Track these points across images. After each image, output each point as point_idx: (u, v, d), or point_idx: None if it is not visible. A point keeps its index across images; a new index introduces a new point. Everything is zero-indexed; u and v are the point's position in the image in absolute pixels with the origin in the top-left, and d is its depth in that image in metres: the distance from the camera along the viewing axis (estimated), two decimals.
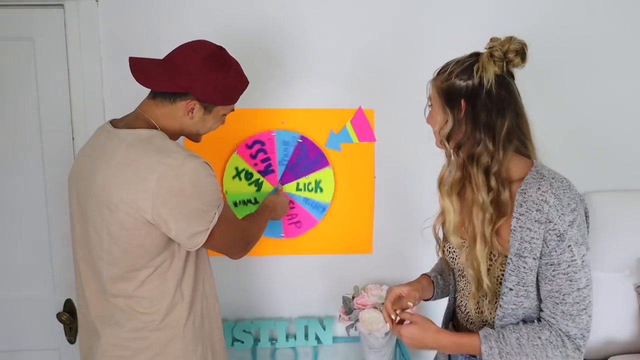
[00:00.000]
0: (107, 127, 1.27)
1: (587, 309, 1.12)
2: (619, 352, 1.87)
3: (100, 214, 1.19)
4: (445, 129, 1.16)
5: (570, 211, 1.09)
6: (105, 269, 1.23)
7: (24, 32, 1.71)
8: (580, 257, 1.10)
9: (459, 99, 1.14)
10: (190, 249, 1.23)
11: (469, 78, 1.13)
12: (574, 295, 1.10)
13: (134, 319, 1.24)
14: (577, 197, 1.12)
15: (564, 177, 1.14)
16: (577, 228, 1.10)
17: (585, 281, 1.11)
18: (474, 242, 1.16)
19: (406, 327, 1.20)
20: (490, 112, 1.12)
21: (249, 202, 1.82)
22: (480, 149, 1.12)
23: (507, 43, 1.12)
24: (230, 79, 1.28)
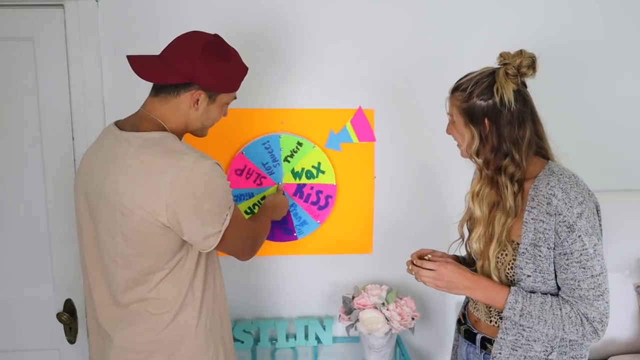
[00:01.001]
0: (113, 129, 1.26)
1: (604, 295, 1.17)
2: (619, 352, 1.87)
3: (113, 218, 1.18)
4: (473, 146, 1.25)
5: (577, 204, 1.17)
6: (120, 273, 1.22)
7: (24, 32, 1.71)
8: (592, 246, 1.16)
9: (482, 118, 1.23)
10: (204, 250, 1.23)
11: (489, 98, 1.22)
12: (588, 282, 1.16)
13: (147, 320, 1.23)
14: (585, 191, 1.20)
15: (573, 173, 1.23)
16: (585, 219, 1.17)
17: (599, 268, 1.17)
18: (489, 243, 1.26)
19: (444, 264, 1.28)
20: (512, 126, 1.22)
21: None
22: (507, 161, 1.23)
23: (519, 58, 1.21)
24: (231, 65, 1.28)
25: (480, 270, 1.30)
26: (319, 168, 1.83)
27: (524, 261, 1.22)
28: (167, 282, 1.22)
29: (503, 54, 1.23)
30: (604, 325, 1.18)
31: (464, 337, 1.41)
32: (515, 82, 1.21)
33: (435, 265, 1.28)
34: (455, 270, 1.27)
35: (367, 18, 1.79)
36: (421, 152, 1.88)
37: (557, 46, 1.83)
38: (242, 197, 1.82)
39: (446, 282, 1.27)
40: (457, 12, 1.80)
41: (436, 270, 1.28)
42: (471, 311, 1.41)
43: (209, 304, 1.30)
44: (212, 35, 1.26)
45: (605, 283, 1.17)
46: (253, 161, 1.81)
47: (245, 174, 1.82)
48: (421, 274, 1.29)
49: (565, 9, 1.84)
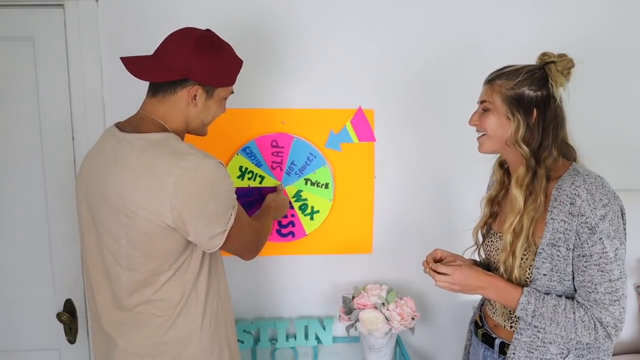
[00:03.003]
0: (114, 131, 1.25)
1: (620, 301, 1.16)
2: (619, 352, 1.87)
3: (118, 220, 1.17)
4: (520, 134, 1.24)
5: (602, 206, 1.16)
6: (125, 276, 1.21)
7: (24, 32, 1.71)
8: (613, 250, 1.15)
9: (531, 107, 1.23)
10: (209, 250, 1.23)
11: (539, 89, 1.22)
12: (605, 286, 1.15)
13: (151, 323, 1.23)
14: (610, 193, 1.19)
15: (598, 175, 1.22)
16: (608, 222, 1.15)
17: (618, 273, 1.15)
18: (517, 238, 1.24)
19: (458, 268, 1.27)
20: (556, 122, 1.23)
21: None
22: (546, 154, 1.23)
23: (565, 60, 1.22)
24: (225, 58, 1.27)
25: (503, 265, 1.27)
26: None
27: (540, 260, 1.21)
28: (172, 283, 1.22)
29: (548, 53, 1.24)
30: (618, 331, 1.16)
31: (482, 341, 1.39)
32: (564, 81, 1.22)
33: (450, 269, 1.28)
34: (470, 273, 1.27)
35: (368, 18, 1.79)
36: (421, 152, 1.88)
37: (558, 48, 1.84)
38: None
39: (461, 286, 1.27)
40: (457, 12, 1.80)
41: (451, 275, 1.27)
42: (489, 314, 1.39)
43: (213, 304, 1.29)
44: (204, 30, 1.26)
45: (623, 289, 1.16)
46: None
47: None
48: (437, 278, 1.29)
49: (565, 12, 1.84)
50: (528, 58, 1.28)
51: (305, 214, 1.86)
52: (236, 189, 1.29)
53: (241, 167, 1.81)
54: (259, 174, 1.83)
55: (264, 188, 1.83)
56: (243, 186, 1.82)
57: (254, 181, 1.83)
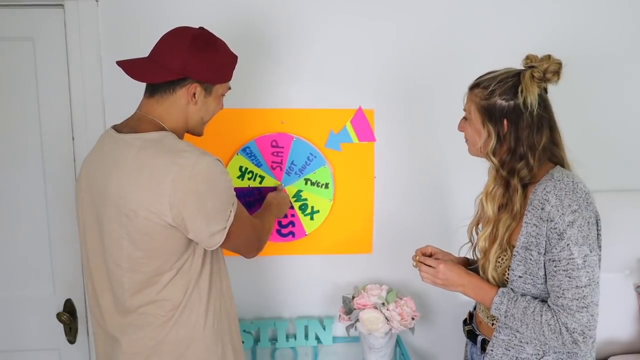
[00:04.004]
0: (111, 132, 1.25)
1: (589, 308, 1.14)
2: (619, 352, 1.87)
3: (118, 221, 1.17)
4: (490, 145, 1.24)
5: (570, 212, 1.15)
6: (127, 277, 1.21)
7: (24, 32, 1.71)
8: (582, 256, 1.14)
9: (502, 118, 1.22)
10: (210, 248, 1.23)
11: (512, 98, 1.21)
12: (573, 292, 1.14)
13: (154, 322, 1.23)
14: (581, 200, 1.17)
15: (574, 180, 1.20)
16: (577, 229, 1.14)
17: (587, 280, 1.14)
18: (492, 244, 1.27)
19: (442, 262, 1.33)
20: (531, 130, 1.21)
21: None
22: (522, 164, 1.22)
23: (546, 63, 1.20)
24: (221, 55, 1.28)
25: (481, 269, 1.31)
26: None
27: (515, 262, 1.22)
28: (175, 282, 1.22)
29: (530, 56, 1.23)
30: (587, 338, 1.15)
31: (467, 337, 1.42)
32: (540, 87, 1.21)
33: (435, 263, 1.33)
34: (453, 269, 1.31)
35: (368, 18, 1.79)
36: (421, 152, 1.88)
37: (558, 49, 1.84)
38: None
39: (443, 280, 1.32)
40: (458, 12, 1.80)
41: (435, 268, 1.32)
42: (477, 312, 1.42)
43: (216, 303, 1.29)
44: (197, 28, 1.27)
45: (592, 296, 1.15)
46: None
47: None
48: (422, 269, 1.35)
49: (575, 16, 1.84)
50: None
51: (305, 214, 1.86)
52: (236, 189, 1.29)
53: (241, 167, 1.81)
54: (259, 174, 1.83)
55: (264, 188, 1.83)
56: (243, 186, 1.82)
57: (254, 181, 1.83)
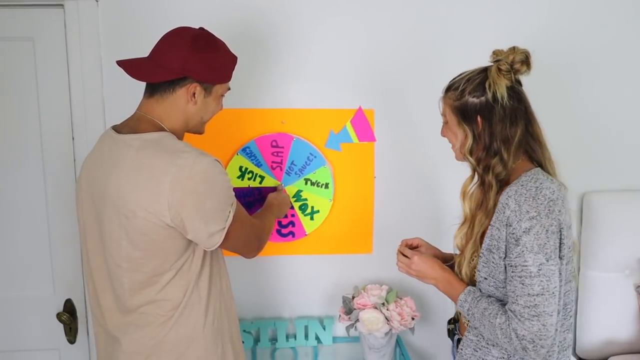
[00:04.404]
0: (111, 133, 1.26)
1: (540, 317, 1.12)
2: (619, 352, 1.87)
3: (118, 221, 1.18)
4: (467, 145, 1.24)
5: (528, 219, 1.13)
6: (127, 277, 1.21)
7: (24, 32, 1.71)
8: (536, 265, 1.12)
9: (475, 115, 1.21)
10: (209, 248, 1.23)
11: (482, 94, 1.20)
12: (525, 299, 1.13)
13: (155, 322, 1.23)
14: (542, 206, 1.13)
15: (539, 185, 1.16)
16: (533, 236, 1.12)
17: (539, 289, 1.12)
18: (467, 242, 1.27)
19: (419, 254, 1.36)
20: (504, 124, 1.20)
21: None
22: (496, 160, 1.21)
23: (512, 54, 1.19)
24: (221, 55, 1.28)
25: (457, 266, 1.32)
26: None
27: (481, 264, 1.23)
28: (174, 282, 1.22)
29: (496, 51, 1.22)
30: (537, 347, 1.13)
31: (448, 336, 1.44)
32: (509, 79, 1.19)
33: (411, 253, 1.36)
34: (427, 261, 1.34)
35: (368, 18, 1.79)
36: (421, 152, 1.88)
37: (554, 47, 1.84)
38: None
39: (416, 272, 1.35)
40: (458, 12, 1.80)
41: (410, 259, 1.35)
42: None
43: (216, 303, 1.29)
44: (197, 28, 1.27)
45: (545, 305, 1.12)
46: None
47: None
48: (398, 259, 1.38)
49: (565, 12, 1.84)
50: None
51: (305, 214, 1.86)
52: (236, 189, 1.29)
53: (241, 167, 1.81)
54: (259, 174, 1.83)
55: (264, 188, 1.83)
56: (243, 186, 1.82)
57: (254, 181, 1.83)
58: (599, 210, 1.84)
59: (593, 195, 1.87)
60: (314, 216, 1.86)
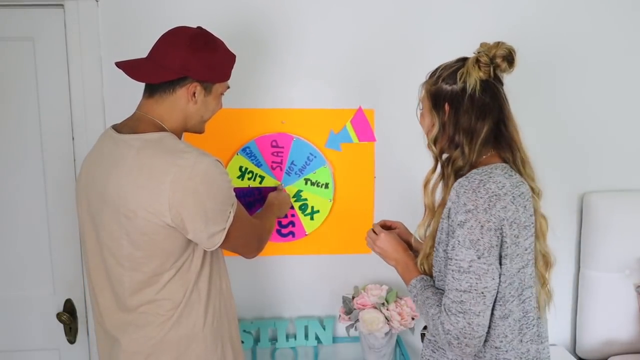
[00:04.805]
0: (111, 133, 1.26)
1: (466, 315, 1.08)
2: (619, 352, 1.87)
3: (118, 221, 1.18)
4: (433, 133, 1.21)
5: (464, 212, 1.09)
6: (127, 276, 1.21)
7: (24, 32, 1.71)
8: (468, 260, 1.08)
9: (444, 102, 1.19)
10: (209, 248, 1.23)
11: (454, 82, 1.17)
12: (454, 294, 1.10)
13: (154, 322, 1.23)
14: (481, 201, 1.08)
15: (484, 179, 1.10)
16: (467, 230, 1.08)
17: (467, 286, 1.08)
18: (428, 236, 1.24)
19: (386, 232, 1.37)
20: (470, 116, 1.16)
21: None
22: (457, 152, 1.18)
23: (494, 48, 1.15)
24: (220, 54, 1.28)
25: (419, 259, 1.28)
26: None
27: (435, 259, 1.21)
28: (174, 282, 1.22)
29: (482, 43, 1.19)
30: (462, 345, 1.09)
31: (422, 341, 1.37)
32: (486, 72, 1.15)
33: (379, 230, 1.38)
34: (391, 241, 1.35)
35: (368, 18, 1.79)
36: (421, 152, 1.87)
37: (549, 46, 1.84)
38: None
39: (380, 249, 1.36)
40: (459, 11, 1.80)
41: (377, 236, 1.37)
42: None
43: (216, 303, 1.30)
44: (195, 28, 1.27)
45: (472, 304, 1.07)
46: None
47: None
48: (367, 234, 1.39)
49: (557, 12, 1.84)
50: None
51: (305, 214, 1.86)
52: (236, 189, 1.29)
53: (241, 167, 1.81)
54: (259, 174, 1.83)
55: (264, 188, 1.83)
56: (243, 186, 1.82)
57: (254, 181, 1.83)
58: (599, 210, 1.84)
59: (593, 195, 1.87)
60: (314, 216, 1.86)
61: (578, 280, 1.94)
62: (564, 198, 1.92)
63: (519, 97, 1.89)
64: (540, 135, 1.87)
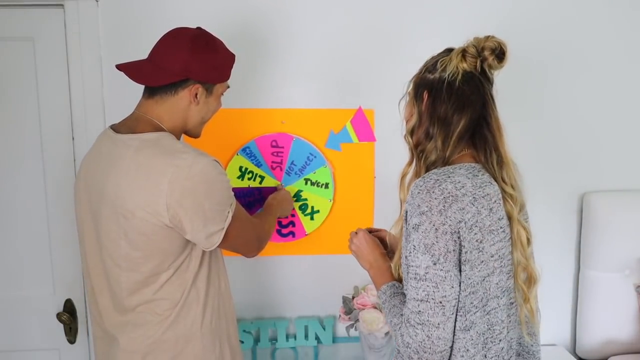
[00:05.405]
0: (109, 133, 1.26)
1: (425, 327, 1.00)
2: (619, 352, 1.87)
3: (116, 221, 1.18)
4: (410, 123, 1.16)
5: (418, 214, 1.02)
6: (124, 277, 1.21)
7: (24, 32, 1.71)
8: (423, 267, 1.01)
9: (423, 90, 1.14)
10: (207, 248, 1.23)
11: (436, 71, 1.13)
12: (412, 303, 1.02)
13: (152, 321, 1.23)
14: (435, 202, 1.01)
15: (440, 179, 1.04)
16: (421, 234, 1.01)
17: (423, 294, 1.00)
18: (400, 237, 1.14)
19: (365, 232, 1.31)
20: (447, 107, 1.10)
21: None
22: (430, 145, 1.11)
23: (485, 41, 1.09)
24: (221, 54, 1.29)
25: (393, 263, 1.20)
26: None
27: (403, 265, 1.10)
28: (172, 282, 1.22)
29: (476, 37, 1.12)
30: (421, 358, 1.01)
31: None
32: (471, 64, 1.09)
33: (359, 230, 1.33)
34: (368, 243, 1.29)
35: (368, 18, 1.79)
36: None
37: (548, 43, 1.84)
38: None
39: (356, 247, 1.30)
40: (460, 12, 1.80)
41: (356, 234, 1.32)
42: None
43: (214, 302, 1.30)
44: (195, 29, 1.27)
45: (429, 315, 1.00)
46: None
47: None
48: (351, 235, 1.34)
49: (553, 9, 1.84)
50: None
51: (306, 214, 1.86)
52: (236, 189, 1.29)
53: (241, 167, 1.81)
54: (259, 174, 1.83)
55: (264, 188, 1.83)
56: (243, 186, 1.82)
57: (254, 181, 1.83)
58: (598, 210, 1.84)
59: (593, 195, 1.87)
60: (314, 216, 1.86)
61: (578, 280, 1.94)
62: (564, 198, 1.92)
63: (519, 96, 1.90)
64: (540, 135, 1.88)
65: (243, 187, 1.82)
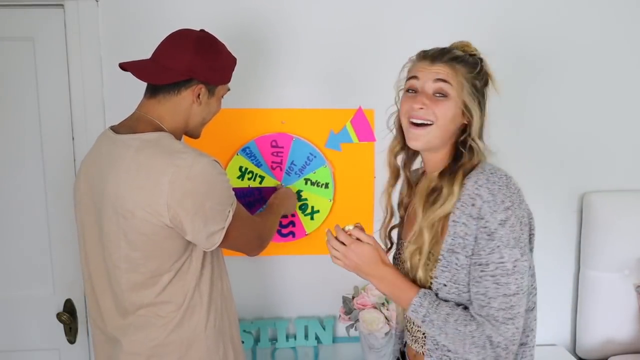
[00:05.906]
0: (109, 133, 1.26)
1: (514, 320, 1.03)
2: (619, 352, 1.87)
3: (116, 222, 1.18)
4: (478, 123, 1.17)
5: (503, 209, 1.02)
6: (124, 278, 1.21)
7: (24, 32, 1.71)
8: (512, 261, 1.02)
9: (479, 98, 1.17)
10: (208, 249, 1.23)
11: (483, 79, 1.18)
12: (500, 301, 1.02)
13: (156, 324, 1.23)
14: (515, 196, 1.05)
15: (505, 174, 1.08)
16: (509, 228, 1.02)
17: (515, 288, 1.02)
18: (422, 231, 1.11)
19: (359, 243, 1.10)
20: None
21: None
22: (482, 144, 1.15)
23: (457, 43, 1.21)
24: (224, 56, 1.30)
25: (410, 269, 1.14)
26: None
27: (440, 269, 1.08)
28: (174, 284, 1.22)
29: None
30: (509, 352, 1.03)
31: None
32: None
33: (348, 241, 1.10)
34: (368, 254, 1.09)
35: (367, 18, 1.79)
36: None
37: (548, 43, 1.84)
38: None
39: (354, 265, 1.10)
40: (460, 12, 1.80)
41: (347, 247, 1.10)
42: (410, 344, 1.24)
43: (217, 303, 1.30)
44: (199, 30, 1.28)
45: (519, 306, 1.03)
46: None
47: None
48: (331, 244, 1.11)
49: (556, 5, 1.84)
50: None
51: (306, 213, 1.86)
52: (236, 190, 1.29)
53: (241, 167, 1.81)
54: (259, 174, 1.83)
55: (264, 188, 1.83)
56: (243, 186, 1.82)
57: (254, 181, 1.83)
58: (598, 210, 1.84)
59: (593, 195, 1.87)
60: (314, 216, 1.86)
61: (578, 280, 1.94)
62: (564, 198, 1.92)
63: (519, 95, 1.90)
64: (540, 134, 1.88)
65: (243, 187, 1.82)
